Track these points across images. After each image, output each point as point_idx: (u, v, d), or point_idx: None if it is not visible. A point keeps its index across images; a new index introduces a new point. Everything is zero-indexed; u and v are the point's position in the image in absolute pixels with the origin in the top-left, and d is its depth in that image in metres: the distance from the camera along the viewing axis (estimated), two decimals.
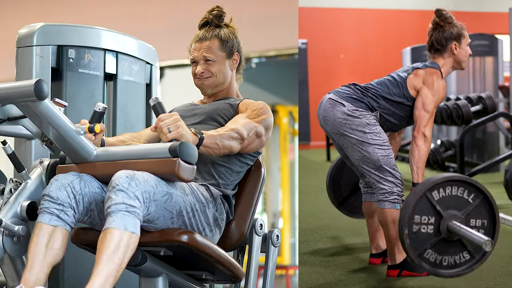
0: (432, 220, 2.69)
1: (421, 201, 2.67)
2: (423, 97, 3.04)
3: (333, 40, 12.11)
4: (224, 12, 2.60)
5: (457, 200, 2.71)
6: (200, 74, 2.55)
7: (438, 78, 3.08)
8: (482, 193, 2.73)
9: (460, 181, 2.71)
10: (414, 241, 2.66)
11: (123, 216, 1.94)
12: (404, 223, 2.65)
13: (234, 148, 2.32)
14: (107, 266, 1.92)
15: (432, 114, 3.04)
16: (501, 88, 7.31)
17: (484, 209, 2.74)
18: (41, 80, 1.96)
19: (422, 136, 3.01)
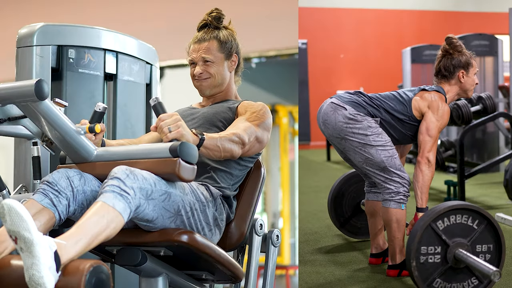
0: (439, 249, 2.72)
1: (426, 232, 2.70)
2: (428, 122, 3.05)
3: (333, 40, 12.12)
4: (223, 14, 2.60)
5: (462, 228, 2.74)
6: (198, 75, 2.55)
7: (443, 103, 3.09)
8: (485, 218, 2.76)
9: (463, 209, 2.74)
10: (422, 272, 2.69)
11: (115, 196, 1.93)
12: (412, 256, 2.68)
13: (236, 153, 2.32)
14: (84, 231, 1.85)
15: (435, 139, 3.04)
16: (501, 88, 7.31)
17: (489, 234, 2.77)
18: (41, 80, 1.96)
19: (426, 161, 3.01)
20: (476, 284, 2.77)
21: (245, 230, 2.47)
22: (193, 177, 2.08)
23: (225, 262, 2.27)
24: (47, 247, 1.73)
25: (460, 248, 2.71)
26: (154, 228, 2.10)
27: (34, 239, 1.71)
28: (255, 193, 2.54)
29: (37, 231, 1.72)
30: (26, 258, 1.72)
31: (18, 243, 1.73)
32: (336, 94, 3.14)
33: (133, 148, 2.18)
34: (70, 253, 1.79)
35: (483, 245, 2.77)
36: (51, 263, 1.72)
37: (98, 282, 1.76)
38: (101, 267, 1.78)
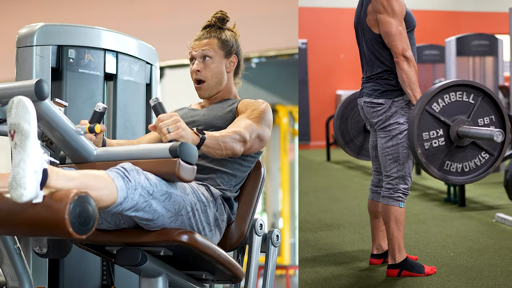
0: (441, 131, 2.66)
1: (423, 117, 2.64)
2: (382, 24, 2.98)
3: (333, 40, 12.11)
4: (227, 16, 2.62)
5: (459, 105, 2.68)
6: (196, 72, 2.56)
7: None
8: (481, 91, 2.69)
9: (455, 85, 2.67)
10: (430, 158, 2.64)
11: (117, 175, 1.93)
12: (415, 143, 2.62)
13: (237, 150, 2.32)
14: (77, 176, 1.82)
15: (400, 33, 2.94)
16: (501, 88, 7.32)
17: (488, 106, 2.71)
18: (41, 80, 1.96)
19: (403, 59, 2.93)
20: (487, 158, 2.71)
21: (245, 230, 2.47)
22: (193, 177, 2.08)
23: (225, 262, 2.27)
24: (39, 151, 1.70)
25: (461, 125, 2.67)
26: (154, 227, 2.10)
27: (31, 133, 1.69)
28: (255, 193, 2.54)
29: (36, 130, 1.71)
30: (16, 155, 1.68)
31: (15, 138, 1.69)
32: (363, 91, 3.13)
33: (133, 148, 2.18)
34: (59, 182, 1.75)
35: (485, 118, 2.71)
36: (38, 167, 1.68)
37: (83, 212, 1.70)
38: (87, 197, 1.71)
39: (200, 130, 2.19)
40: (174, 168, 2.02)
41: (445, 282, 3.06)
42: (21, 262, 2.28)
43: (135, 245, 2.15)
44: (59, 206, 1.67)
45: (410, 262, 3.13)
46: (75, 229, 1.67)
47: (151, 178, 2.02)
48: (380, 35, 3.02)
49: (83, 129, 2.17)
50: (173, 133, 2.08)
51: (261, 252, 2.53)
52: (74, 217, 1.67)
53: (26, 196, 1.65)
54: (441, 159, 2.65)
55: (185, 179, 2.05)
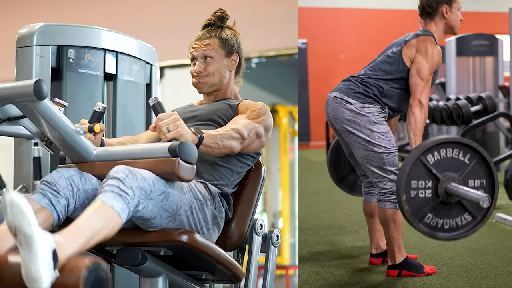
0: (430, 183, 2.66)
1: (416, 166, 2.64)
2: (417, 64, 3.01)
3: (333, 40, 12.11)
4: (227, 14, 2.62)
5: (453, 162, 2.68)
6: (197, 72, 2.56)
7: (431, 44, 3.05)
8: (478, 153, 2.70)
9: (454, 142, 2.68)
10: (413, 207, 2.64)
11: (114, 196, 1.92)
12: (402, 189, 2.62)
13: (235, 148, 2.32)
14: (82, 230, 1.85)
15: (427, 81, 2.99)
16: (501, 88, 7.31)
17: (481, 169, 2.71)
18: (40, 80, 1.96)
19: (418, 104, 2.97)
20: (470, 220, 2.72)
21: (245, 230, 2.47)
22: (193, 177, 2.08)
23: (225, 262, 2.27)
24: (46, 243, 1.71)
25: (451, 181, 2.67)
26: (152, 227, 2.10)
27: (34, 235, 1.70)
28: (255, 193, 2.54)
29: (37, 226, 1.71)
30: (24, 253, 1.71)
31: (18, 237, 1.72)
32: (336, 87, 3.13)
33: (132, 148, 2.18)
34: (68, 251, 1.78)
35: (476, 180, 2.71)
36: (49, 260, 1.71)
37: (97, 280, 1.75)
38: (100, 264, 1.76)
39: (198, 130, 2.19)
40: (173, 167, 2.02)
41: (445, 282, 3.06)
42: None
43: (135, 245, 2.15)
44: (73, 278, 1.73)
45: (410, 262, 3.12)
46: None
47: (147, 177, 2.01)
48: (406, 67, 3.04)
49: (82, 129, 2.17)
50: (172, 132, 2.08)
51: (261, 252, 2.53)
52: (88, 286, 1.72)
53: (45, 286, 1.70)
54: (423, 211, 2.66)
55: (184, 179, 2.05)
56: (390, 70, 3.06)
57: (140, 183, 1.98)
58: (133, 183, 1.96)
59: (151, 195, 2.01)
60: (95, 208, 1.90)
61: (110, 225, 1.90)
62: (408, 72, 3.05)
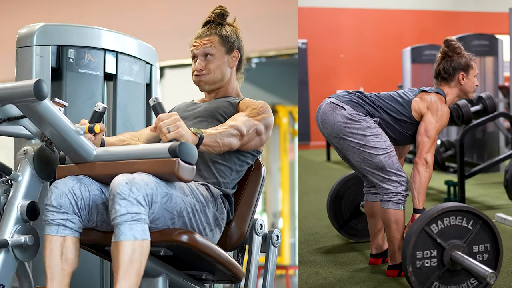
0: (435, 253, 2.70)
1: (421, 237, 2.68)
2: (427, 123, 3.04)
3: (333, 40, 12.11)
4: (227, 11, 2.61)
5: (457, 229, 2.73)
6: (198, 70, 2.56)
7: (442, 104, 3.08)
8: (480, 218, 2.74)
9: (457, 210, 2.72)
10: (419, 277, 2.67)
11: (130, 226, 1.95)
12: (408, 261, 2.66)
13: (234, 145, 2.33)
14: (125, 281, 1.94)
15: (434, 140, 3.03)
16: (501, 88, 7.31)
17: (485, 234, 2.76)
18: (40, 80, 1.96)
19: (423, 163, 3.00)
20: (476, 285, 2.76)
21: (245, 230, 2.47)
22: (192, 177, 2.08)
23: (225, 262, 2.27)
24: None
25: (456, 250, 2.70)
26: (155, 229, 2.10)
27: None
28: (255, 193, 2.54)
29: None
30: None
31: None
32: (335, 94, 3.14)
33: (132, 148, 2.17)
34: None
35: (480, 245, 2.75)
36: None
37: None
38: None
39: (198, 130, 2.19)
40: (173, 168, 2.02)
41: None
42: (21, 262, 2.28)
43: None
44: None
45: None
46: None
47: (149, 182, 2.01)
48: (410, 115, 3.06)
49: (82, 129, 2.17)
50: (173, 132, 2.08)
51: (261, 252, 2.53)
52: None
53: None
54: (430, 280, 2.69)
55: (184, 179, 2.05)
56: (396, 109, 3.07)
57: (143, 191, 1.98)
58: (138, 196, 1.97)
59: (155, 199, 2.02)
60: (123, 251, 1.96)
61: (143, 256, 1.98)
62: (410, 118, 3.07)
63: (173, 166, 2.02)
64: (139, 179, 1.99)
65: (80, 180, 2.14)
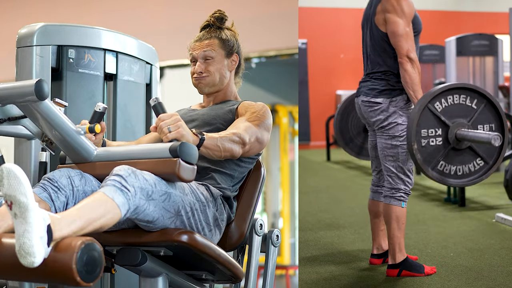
0: (439, 131, 2.66)
1: (424, 114, 2.64)
2: (390, 24, 2.98)
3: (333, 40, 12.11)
4: (226, 15, 2.62)
5: (461, 108, 2.68)
6: (198, 73, 2.56)
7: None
8: (485, 97, 2.69)
9: (460, 88, 2.68)
10: (425, 155, 2.64)
11: (115, 189, 1.92)
12: (412, 139, 2.62)
13: (236, 152, 2.32)
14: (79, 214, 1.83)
15: (407, 35, 2.96)
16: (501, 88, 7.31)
17: (489, 113, 2.71)
18: (41, 80, 1.96)
19: (407, 60, 2.94)
20: (482, 165, 2.72)
21: (245, 230, 2.47)
22: (193, 177, 2.08)
23: (225, 262, 2.27)
24: (41, 217, 1.70)
25: (461, 127, 2.67)
26: (154, 228, 2.10)
27: (30, 205, 1.68)
28: (255, 193, 2.54)
29: (33, 198, 1.70)
30: (19, 224, 1.69)
31: (13, 209, 1.70)
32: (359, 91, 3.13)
33: (133, 148, 2.18)
34: (63, 231, 1.76)
35: (485, 125, 2.71)
36: (43, 233, 1.70)
37: (90, 260, 1.72)
38: (93, 245, 1.74)
39: (199, 131, 2.18)
40: (174, 168, 2.02)
41: (445, 282, 3.06)
42: None
43: (135, 245, 2.15)
44: (66, 257, 1.70)
45: (410, 262, 3.13)
46: (82, 278, 1.70)
47: (148, 178, 2.01)
48: (386, 34, 3.02)
49: (83, 129, 2.17)
50: (174, 132, 2.08)
51: (261, 252, 2.53)
52: (81, 265, 1.70)
53: (37, 262, 1.68)
54: (436, 159, 2.66)
55: (185, 179, 2.05)
56: (381, 47, 3.04)
57: (141, 183, 1.98)
58: (135, 183, 1.96)
59: (153, 196, 2.01)
60: (95, 197, 1.89)
61: (109, 215, 1.88)
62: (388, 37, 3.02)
63: (173, 166, 2.02)
64: (139, 173, 2.00)
65: (83, 174, 2.15)
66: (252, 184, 2.54)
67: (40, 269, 1.71)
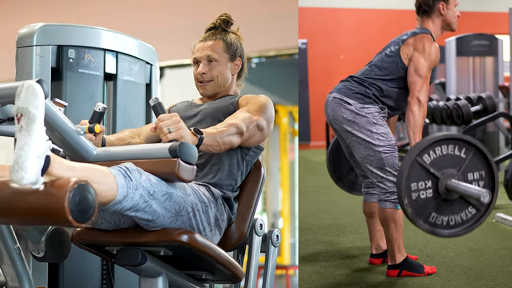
0: (429, 183, 2.64)
1: (414, 168, 2.62)
2: (415, 62, 3.00)
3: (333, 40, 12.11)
4: (232, 19, 2.64)
5: (450, 158, 2.66)
6: (201, 74, 2.56)
7: (429, 41, 3.04)
8: (473, 146, 2.69)
9: (448, 139, 2.67)
10: (416, 208, 2.62)
11: (120, 173, 1.92)
12: (402, 193, 2.60)
13: (234, 143, 2.33)
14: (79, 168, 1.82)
15: (425, 78, 2.98)
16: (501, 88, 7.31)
17: (478, 161, 2.70)
18: (41, 80, 1.95)
19: (416, 102, 2.96)
20: (474, 213, 2.71)
21: (245, 230, 2.47)
22: (193, 178, 2.08)
23: (225, 262, 2.27)
24: (44, 139, 1.69)
25: (450, 178, 2.66)
26: (154, 227, 2.10)
27: (38, 117, 1.68)
28: (255, 193, 2.54)
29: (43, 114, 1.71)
30: (21, 138, 1.68)
31: (21, 122, 1.69)
32: (335, 87, 3.13)
33: (133, 148, 2.18)
34: (60, 171, 1.75)
35: (474, 173, 2.70)
36: (41, 153, 1.68)
37: (83, 200, 1.69)
38: (87, 186, 1.71)
39: (197, 130, 2.19)
40: (174, 168, 2.02)
41: (445, 282, 3.06)
42: (21, 262, 2.28)
43: (135, 245, 2.15)
44: (59, 193, 1.67)
45: (410, 262, 3.12)
46: (75, 217, 1.67)
47: (151, 178, 2.02)
48: (405, 66, 3.04)
49: (82, 129, 2.17)
50: (174, 133, 2.08)
51: (261, 252, 2.53)
52: (73, 205, 1.67)
53: (26, 179, 1.65)
54: (427, 211, 2.64)
55: (184, 179, 2.05)
56: (389, 70, 3.05)
57: (144, 182, 1.98)
58: (138, 178, 1.97)
59: (155, 195, 2.02)
60: (100, 167, 1.89)
61: (105, 187, 1.87)
62: (406, 71, 3.04)
63: (173, 166, 2.02)
64: (143, 172, 2.00)
65: None
66: (252, 184, 2.54)
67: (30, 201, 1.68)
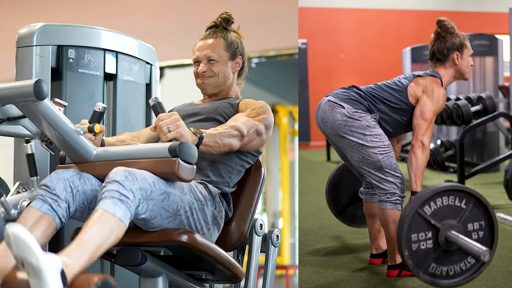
0: (430, 234, 2.68)
1: (414, 219, 2.65)
2: (422, 105, 3.03)
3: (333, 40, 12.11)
4: (232, 18, 2.65)
5: (450, 209, 2.70)
6: (202, 73, 2.57)
7: (438, 86, 3.06)
8: (473, 196, 2.72)
9: (449, 190, 2.70)
10: (416, 260, 2.65)
11: (115, 202, 1.92)
12: (403, 245, 2.64)
13: (234, 145, 2.33)
14: (81, 250, 1.85)
15: (430, 122, 3.02)
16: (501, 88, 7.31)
17: (479, 212, 2.74)
18: (40, 80, 1.96)
19: (420, 145, 2.98)
20: (473, 263, 2.72)
21: (245, 230, 2.47)
22: (193, 177, 2.08)
23: (225, 262, 2.27)
24: (53, 268, 1.72)
25: (451, 229, 2.67)
26: (152, 227, 2.10)
27: (42, 265, 1.70)
28: (255, 193, 2.54)
29: (43, 256, 1.72)
30: (34, 282, 1.72)
31: (26, 268, 1.73)
32: (332, 92, 3.13)
33: (132, 148, 2.18)
34: (75, 268, 1.79)
35: (474, 223, 2.72)
36: (58, 284, 1.72)
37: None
38: (108, 282, 1.76)
39: (198, 130, 2.19)
40: (173, 167, 2.02)
41: None
42: None
43: (135, 245, 2.15)
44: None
45: None
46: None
47: (147, 177, 2.01)
48: (409, 103, 3.05)
49: (82, 129, 2.17)
50: (173, 132, 2.08)
51: (261, 252, 2.53)
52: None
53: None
54: (427, 262, 2.66)
55: (184, 179, 2.05)
56: (393, 97, 3.06)
57: (140, 183, 1.98)
58: (132, 185, 1.96)
59: (152, 195, 2.02)
60: (97, 218, 1.90)
61: (114, 234, 1.90)
62: (408, 105, 3.05)
63: (173, 166, 2.02)
64: (137, 173, 2.00)
65: (81, 173, 2.15)
66: (252, 184, 2.54)
67: None
